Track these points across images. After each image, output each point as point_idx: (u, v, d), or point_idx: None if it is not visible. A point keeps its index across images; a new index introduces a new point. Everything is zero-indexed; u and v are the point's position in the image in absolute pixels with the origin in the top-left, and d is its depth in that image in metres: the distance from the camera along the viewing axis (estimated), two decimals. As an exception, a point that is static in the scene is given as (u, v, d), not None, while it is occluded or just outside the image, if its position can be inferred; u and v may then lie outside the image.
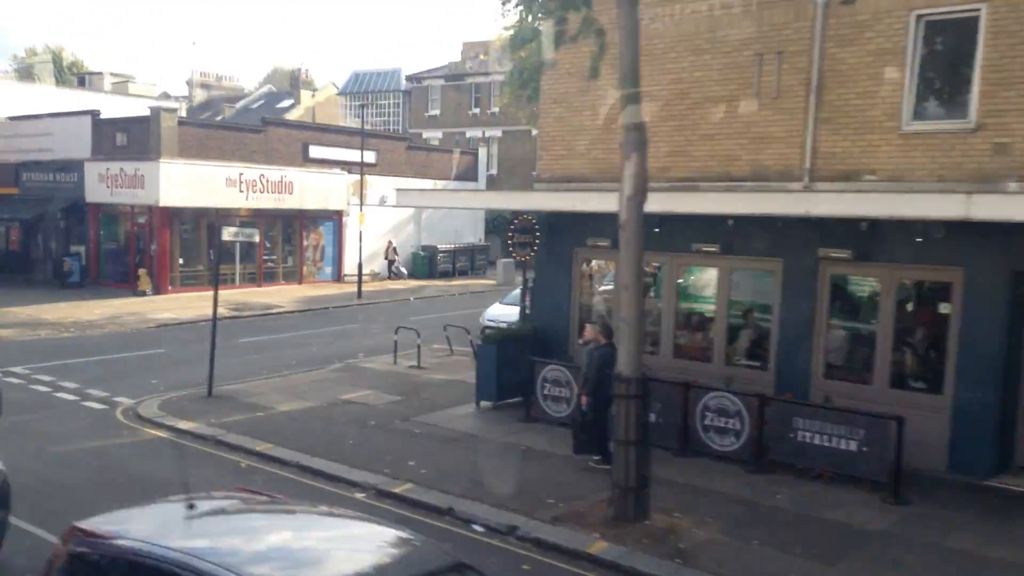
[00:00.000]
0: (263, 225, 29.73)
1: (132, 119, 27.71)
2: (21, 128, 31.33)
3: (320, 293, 29.01)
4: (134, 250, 27.74)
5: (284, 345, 19.33)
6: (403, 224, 35.42)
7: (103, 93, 44.18)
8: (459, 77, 49.01)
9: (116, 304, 24.51)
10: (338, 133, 32.92)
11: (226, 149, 28.04)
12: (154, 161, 25.95)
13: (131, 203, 27.12)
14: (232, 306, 25.07)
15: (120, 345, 18.60)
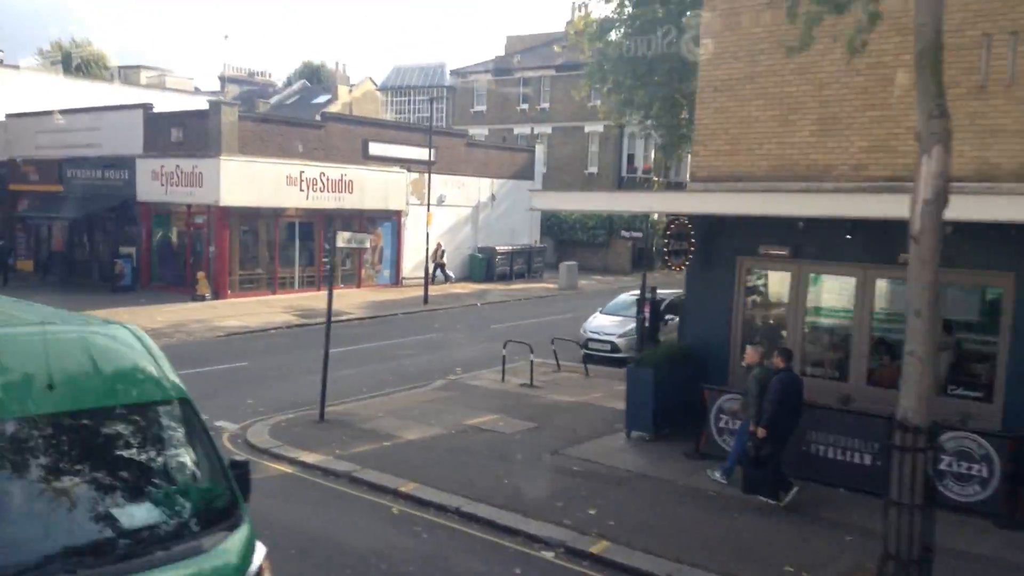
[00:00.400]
0: (321, 226, 28.42)
1: (189, 113, 26.40)
2: (66, 122, 30.08)
3: (383, 298, 27.59)
4: (190, 252, 26.41)
5: (371, 358, 17.88)
6: (460, 225, 33.97)
7: (139, 87, 43.05)
8: (507, 72, 47.51)
9: (177, 310, 23.18)
10: (398, 129, 31.50)
11: (286, 146, 26.66)
12: (214, 158, 24.59)
13: (187, 202, 25.79)
14: (298, 312, 23.69)
15: (197, 357, 17.20)
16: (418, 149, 31.36)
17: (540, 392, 14.74)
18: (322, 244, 28.43)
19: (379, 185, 29.60)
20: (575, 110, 44.75)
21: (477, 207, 34.46)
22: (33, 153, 31.19)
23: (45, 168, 30.63)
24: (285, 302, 25.46)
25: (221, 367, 16.21)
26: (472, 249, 34.45)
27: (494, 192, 35.22)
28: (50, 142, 30.39)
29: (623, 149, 44.62)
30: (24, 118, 32.42)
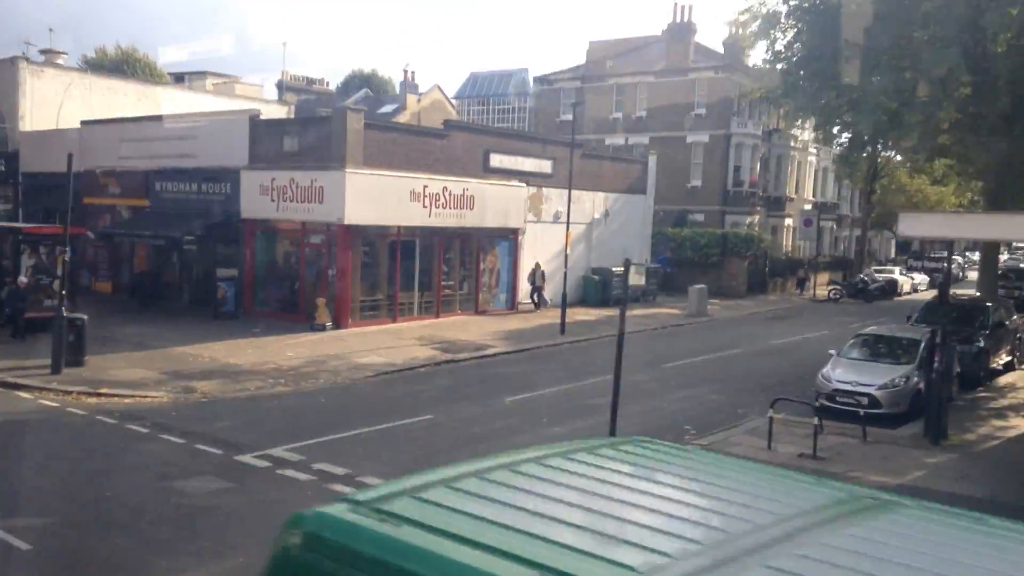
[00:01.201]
0: (441, 246, 26.05)
1: (307, 120, 24.25)
2: (153, 130, 28.00)
3: (512, 326, 25.07)
4: (304, 275, 24.08)
5: (562, 407, 15.29)
6: (573, 244, 31.41)
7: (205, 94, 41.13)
8: (598, 78, 45.12)
9: (301, 342, 20.79)
10: (517, 139, 29.09)
11: (410, 156, 24.31)
12: (338, 170, 22.27)
13: (303, 219, 23.47)
14: (436, 344, 21.23)
15: (367, 408, 14.73)
16: (536, 160, 29.06)
17: (833, 467, 12.05)
18: (441, 266, 26.04)
19: (499, 200, 27.18)
20: (676, 119, 42.33)
21: (591, 224, 31.96)
22: (115, 164, 29.13)
23: (129, 180, 28.54)
24: (412, 331, 23.03)
25: (406, 421, 13.68)
26: (585, 270, 31.92)
27: (608, 208, 32.71)
28: (135, 152, 28.29)
29: (729, 160, 42.03)
30: (104, 126, 30.45)
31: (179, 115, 27.53)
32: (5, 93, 34.61)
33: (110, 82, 37.20)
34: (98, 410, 13.93)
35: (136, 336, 20.74)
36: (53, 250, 21.00)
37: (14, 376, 15.86)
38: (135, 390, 15.36)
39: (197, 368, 17.43)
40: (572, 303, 30.83)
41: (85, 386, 15.40)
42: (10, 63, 34.37)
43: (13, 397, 14.68)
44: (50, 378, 15.88)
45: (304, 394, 15.76)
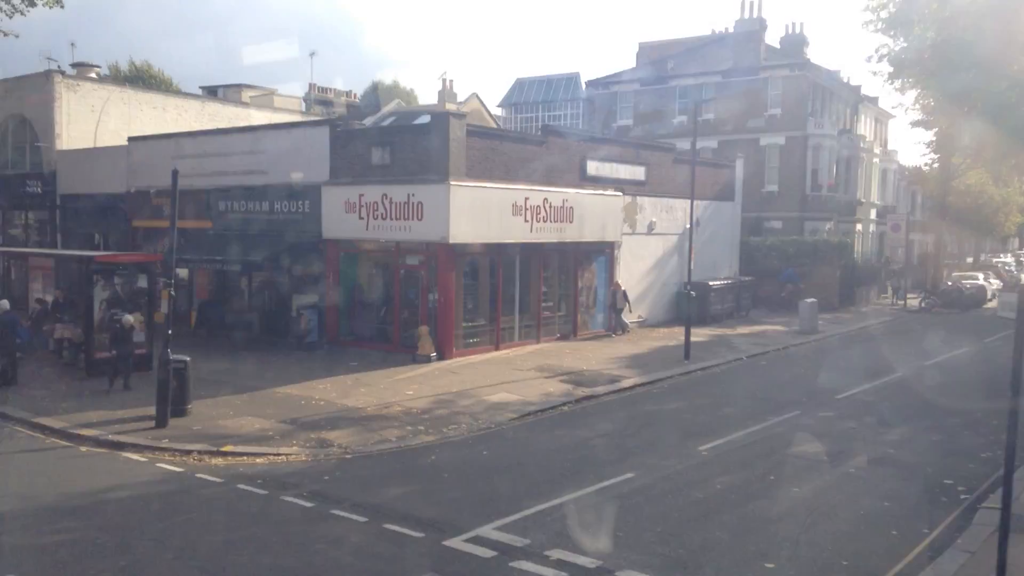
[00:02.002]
0: (540, 264, 23.97)
1: (401, 129, 22.23)
2: (215, 145, 25.99)
3: (624, 351, 22.89)
4: (398, 301, 21.95)
5: (773, 458, 12.97)
6: (667, 256, 29.37)
7: (245, 107, 39.18)
8: (659, 80, 43.13)
9: (411, 377, 18.66)
10: (612, 145, 27.02)
11: (509, 166, 22.24)
12: (440, 183, 20.19)
13: (398, 239, 21.37)
14: (558, 375, 19.07)
15: (544, 462, 12.55)
16: (630, 167, 27.04)
17: None
18: (541, 286, 23.92)
19: (597, 211, 25.10)
20: (747, 120, 40.31)
21: (683, 235, 29.82)
22: (168, 183, 26.99)
23: (187, 201, 26.44)
24: (522, 360, 20.90)
25: (607, 483, 11.47)
26: (679, 285, 29.79)
27: (699, 216, 30.60)
28: (193, 169, 26.16)
29: (807, 163, 39.96)
30: (155, 142, 28.47)
31: (245, 128, 25.50)
32: (39, 110, 32.71)
33: (149, 96, 35.28)
34: (233, 475, 11.81)
35: (223, 374, 18.64)
36: (129, 280, 18.98)
37: (115, 433, 13.74)
38: (262, 445, 13.23)
39: (315, 414, 15.30)
40: (666, 322, 28.84)
41: (203, 443, 13.28)
42: (44, 77, 32.49)
43: (123, 461, 12.55)
44: (158, 434, 13.76)
45: (457, 445, 13.61)
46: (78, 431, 13.87)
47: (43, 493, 10.88)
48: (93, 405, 15.64)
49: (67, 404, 15.73)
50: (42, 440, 13.61)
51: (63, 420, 14.51)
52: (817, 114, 40.55)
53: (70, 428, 14.04)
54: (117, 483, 11.36)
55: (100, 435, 13.61)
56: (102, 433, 13.71)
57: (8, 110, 34.17)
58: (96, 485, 11.25)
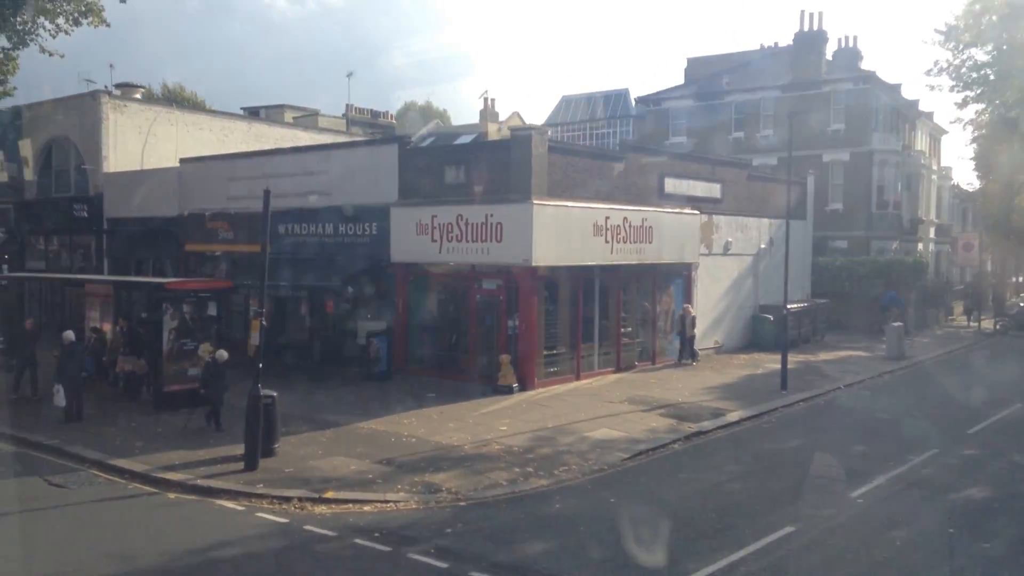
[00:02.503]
0: (619, 287, 22.84)
1: (478, 147, 21.43)
2: (273, 166, 25.14)
3: (713, 380, 21.61)
4: (474, 328, 20.84)
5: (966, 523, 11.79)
6: (741, 278, 28.12)
7: (287, 127, 38.48)
8: (714, 95, 42.08)
9: (498, 411, 17.52)
10: (688, 161, 25.93)
11: (588, 184, 21.20)
12: (522, 203, 19.15)
13: (474, 262, 20.32)
14: (653, 408, 17.85)
15: (683, 516, 11.34)
16: (706, 184, 25.94)
17: None
18: (620, 312, 22.76)
19: (675, 231, 23.97)
20: (810, 136, 39.04)
21: (758, 255, 28.64)
22: (224, 206, 26.28)
23: (244, 224, 25.61)
24: (608, 391, 19.71)
25: (766, 541, 10.29)
26: (754, 308, 28.52)
27: (771, 236, 29.40)
28: (250, 191, 25.22)
29: (872, 180, 38.65)
30: (209, 163, 27.74)
31: (306, 147, 24.68)
32: (85, 131, 32.16)
33: (195, 116, 34.64)
34: (344, 526, 10.70)
35: (295, 407, 17.50)
36: (198, 308, 18.04)
37: (203, 477, 12.70)
38: (365, 490, 12.12)
39: (410, 453, 14.18)
40: (742, 348, 27.56)
41: (301, 488, 12.20)
42: (91, 98, 31.95)
43: (219, 511, 11.48)
44: (250, 477, 12.70)
45: (575, 490, 12.43)
46: (162, 475, 12.84)
47: (142, 552, 9.80)
48: (170, 444, 14.62)
49: (141, 443, 14.72)
50: (124, 486, 12.58)
51: (143, 462, 13.49)
52: (881, 129, 39.28)
53: (152, 471, 13.02)
54: (221, 539, 10.28)
55: (187, 480, 12.57)
56: (189, 477, 12.67)
57: (51, 132, 33.66)
58: (199, 541, 10.17)
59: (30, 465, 13.68)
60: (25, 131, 34.86)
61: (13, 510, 11.22)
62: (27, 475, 13.01)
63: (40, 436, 15.31)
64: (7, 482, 12.65)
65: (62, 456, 14.23)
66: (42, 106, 34.27)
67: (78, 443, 14.81)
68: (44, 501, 11.68)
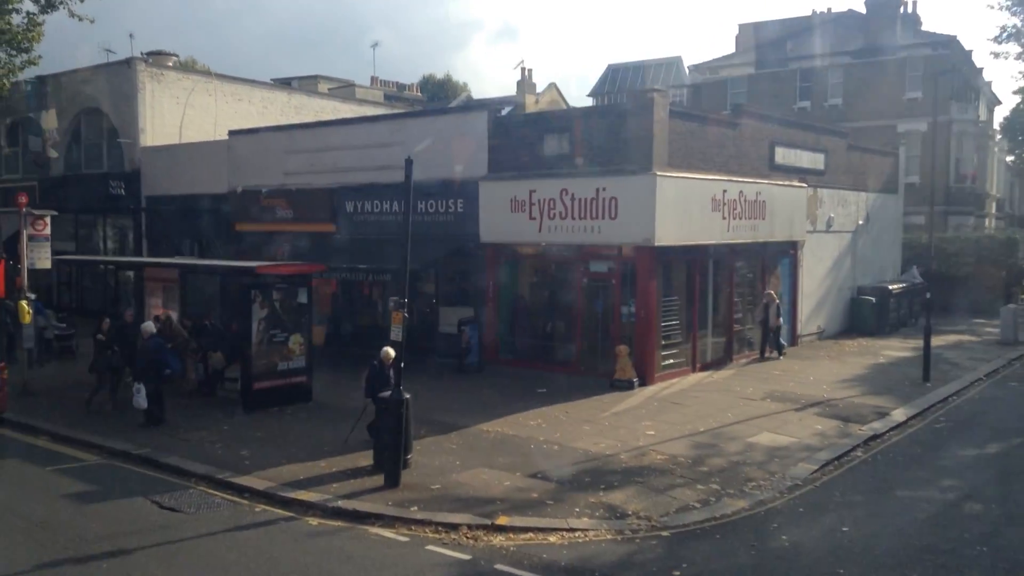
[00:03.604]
0: (732, 269, 20.95)
1: (588, 112, 19.39)
2: (340, 138, 23.12)
3: (842, 372, 19.56)
4: (580, 315, 18.93)
5: None
6: (842, 257, 26.14)
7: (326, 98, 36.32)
8: (777, 63, 39.90)
9: (630, 409, 15.63)
10: (797, 128, 23.84)
11: (706, 153, 19.21)
12: (642, 174, 17.18)
13: (581, 242, 18.35)
14: (807, 406, 15.98)
15: None
16: (811, 154, 23.97)
17: None
18: (732, 296, 20.86)
19: (785, 206, 22.00)
20: (883, 105, 36.99)
21: (856, 232, 26.68)
22: (282, 181, 24.26)
23: (306, 201, 23.60)
24: (736, 385, 17.83)
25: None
26: (852, 290, 26.59)
27: (868, 210, 27.44)
28: (311, 165, 23.38)
29: (950, 152, 36.61)
30: (263, 135, 25.66)
31: (379, 116, 22.66)
32: (119, 102, 30.04)
33: (233, 87, 32.37)
34: (541, 565, 8.84)
35: (435, 409, 15.63)
36: (288, 296, 16.12)
37: (342, 497, 10.80)
38: (538, 514, 10.25)
39: (560, 463, 12.30)
40: (843, 332, 25.69)
41: (462, 510, 10.32)
42: (126, 66, 29.78)
43: (378, 542, 9.60)
44: (395, 497, 10.81)
45: (787, 513, 10.56)
46: (291, 494, 10.98)
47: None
48: (281, 453, 12.76)
49: (247, 452, 12.86)
50: (249, 508, 10.72)
51: (260, 477, 11.63)
52: (965, 97, 37.19)
53: (277, 490, 11.15)
54: (405, 584, 8.45)
55: (323, 500, 10.70)
56: (324, 497, 10.80)
57: (80, 104, 31.51)
58: (379, 588, 8.34)
59: (126, 481, 11.83)
60: (51, 103, 32.76)
61: (132, 546, 9.36)
62: (128, 495, 11.14)
63: (125, 443, 13.45)
64: (109, 505, 10.78)
65: (158, 469, 12.39)
66: (70, 76, 32.08)
67: (172, 452, 12.95)
68: (166, 532, 9.81)
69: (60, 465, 12.51)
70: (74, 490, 11.32)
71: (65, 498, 10.99)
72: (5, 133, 35.19)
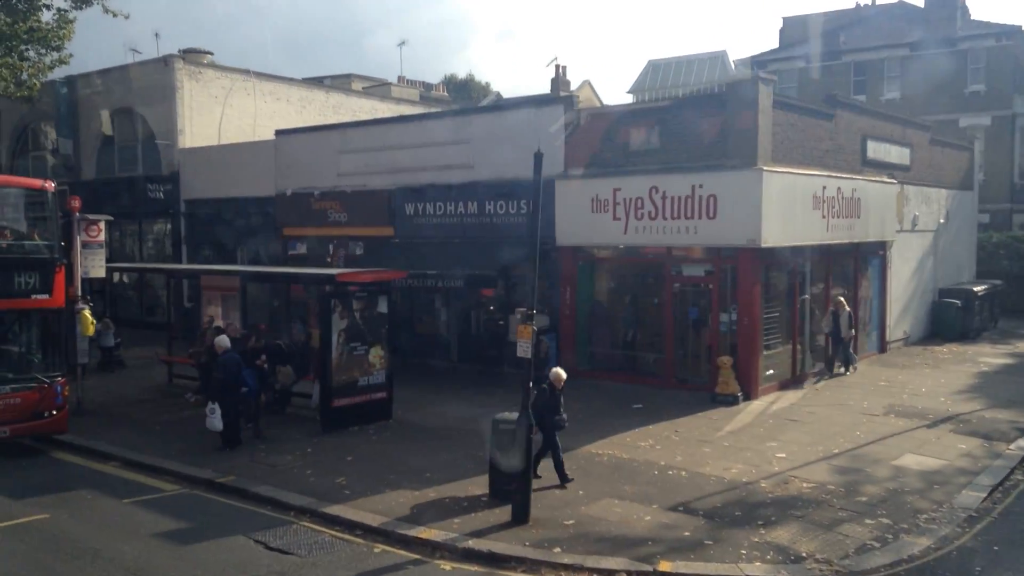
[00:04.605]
0: (828, 271, 19.68)
1: (681, 103, 17.99)
2: (398, 136, 21.92)
3: (955, 382, 18.13)
4: (671, 323, 17.62)
5: None
6: (925, 257, 24.73)
7: (365, 97, 35.19)
8: (829, 56, 38.51)
9: (745, 428, 14.34)
10: (888, 121, 22.46)
11: (804, 147, 17.92)
12: (746, 169, 15.90)
13: (673, 244, 17.09)
14: (940, 422, 14.64)
15: None
16: (899, 149, 22.63)
17: None
18: (828, 301, 19.54)
19: (877, 204, 20.70)
20: (943, 99, 35.57)
21: (937, 231, 25.30)
22: (334, 183, 23.04)
23: (362, 203, 22.40)
24: (849, 399, 16.46)
25: None
26: (934, 293, 25.22)
27: (948, 208, 26.07)
28: (367, 165, 22.16)
29: (1015, 147, 35.19)
30: (312, 134, 24.51)
31: (441, 113, 21.47)
32: (156, 102, 28.92)
33: (272, 85, 31.26)
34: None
35: (477, 422, 14.57)
36: (368, 305, 14.90)
37: (468, 536, 9.55)
38: (703, 558, 8.96)
39: (697, 494, 11.01)
40: (924, 338, 24.31)
41: (612, 552, 9.04)
42: (162, 64, 28.68)
43: (528, 590, 8.38)
44: (529, 535, 9.53)
45: (979, 554, 9.21)
46: (409, 531, 9.72)
47: None
48: (378, 480, 11.52)
49: (344, 480, 11.61)
50: (367, 549, 9.46)
51: (371, 511, 10.37)
52: (1023, 91, 35.74)
53: (393, 526, 9.90)
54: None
55: (451, 540, 9.44)
56: (451, 536, 9.54)
57: (112, 104, 30.40)
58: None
59: (219, 516, 10.59)
60: (82, 104, 31.72)
61: (249, 598, 8.14)
62: (225, 532, 9.90)
63: (206, 470, 12.24)
64: (208, 547, 9.52)
65: (248, 499, 11.16)
66: (101, 75, 31.02)
67: (259, 479, 11.73)
68: (281, 581, 8.59)
69: (139, 497, 11.28)
70: (163, 528, 10.09)
71: (156, 538, 9.76)
72: (32, 136, 34.20)
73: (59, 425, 13.54)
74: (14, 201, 14.05)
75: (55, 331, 13.68)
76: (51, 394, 13.26)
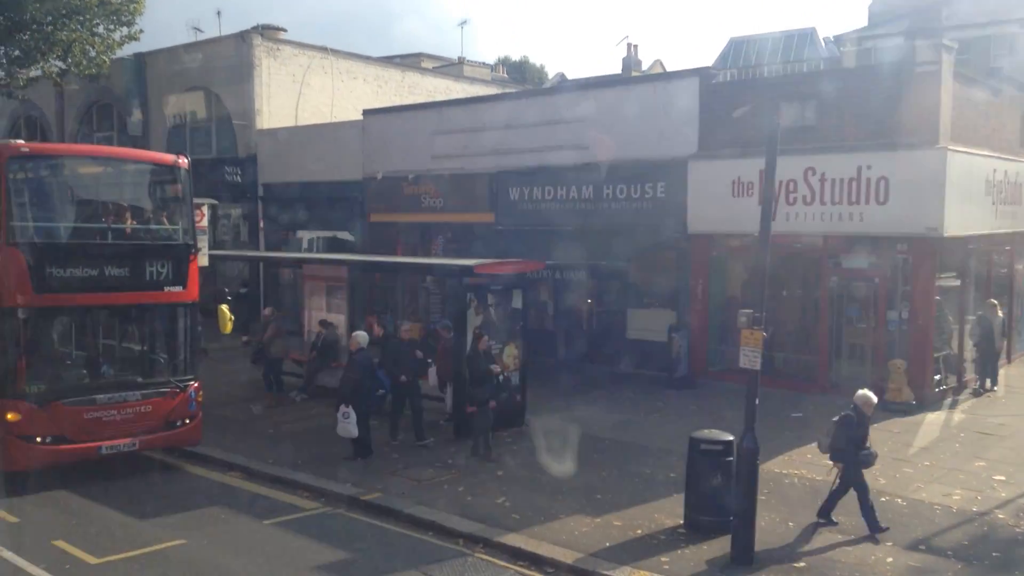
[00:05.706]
0: (988, 265, 17.82)
1: (841, 72, 16.25)
2: (497, 114, 20.42)
3: None
4: (826, 320, 15.92)
5: None
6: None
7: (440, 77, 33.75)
8: (933, 32, 36.13)
9: (938, 444, 12.65)
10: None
11: (976, 125, 16.08)
12: (925, 149, 14.15)
13: (833, 232, 15.37)
14: None
15: None
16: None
17: None
18: (991, 297, 17.67)
19: (1036, 191, 18.79)
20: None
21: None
22: (428, 165, 21.61)
23: (458, 187, 20.97)
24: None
25: None
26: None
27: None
28: (464, 147, 20.70)
29: None
30: (403, 114, 23.17)
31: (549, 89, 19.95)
32: (231, 80, 27.70)
33: (348, 64, 29.82)
34: None
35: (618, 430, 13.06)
36: (503, 300, 13.45)
37: None
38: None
39: (927, 526, 9.42)
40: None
41: (882, 609, 7.53)
42: (240, 40, 27.33)
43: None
44: None
45: None
46: (614, 573, 8.26)
47: None
48: (545, 501, 10.07)
49: (507, 501, 10.18)
50: (570, 594, 8.04)
51: (556, 545, 8.89)
52: None
53: (591, 564, 8.43)
54: None
55: None
56: None
57: (184, 83, 29.28)
58: None
59: (377, 542, 9.21)
60: (152, 83, 30.70)
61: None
62: (394, 566, 8.51)
63: (344, 484, 10.87)
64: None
65: (401, 522, 9.76)
66: (173, 53, 29.94)
67: (408, 497, 10.35)
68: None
69: (279, 517, 9.93)
70: (322, 559, 8.70)
71: (317, 572, 8.40)
72: (99, 115, 33.30)
73: (192, 435, 12.01)
74: (141, 179, 12.77)
75: (189, 328, 12.17)
76: (185, 400, 11.79)
